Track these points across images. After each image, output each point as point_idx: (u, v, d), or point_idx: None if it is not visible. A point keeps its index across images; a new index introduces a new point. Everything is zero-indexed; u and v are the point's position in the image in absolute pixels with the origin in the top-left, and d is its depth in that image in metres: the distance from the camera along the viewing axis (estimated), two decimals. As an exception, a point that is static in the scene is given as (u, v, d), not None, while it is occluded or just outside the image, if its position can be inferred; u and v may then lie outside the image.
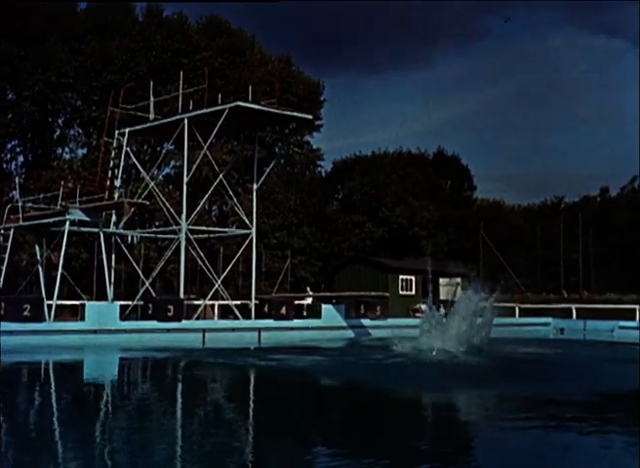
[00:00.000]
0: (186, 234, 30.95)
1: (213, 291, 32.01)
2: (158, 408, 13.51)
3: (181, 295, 30.01)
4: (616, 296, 41.03)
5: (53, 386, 16.72)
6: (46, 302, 27.93)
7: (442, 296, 39.28)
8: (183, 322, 28.04)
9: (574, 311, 36.93)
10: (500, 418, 12.18)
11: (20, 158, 46.73)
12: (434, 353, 18.87)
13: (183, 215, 30.88)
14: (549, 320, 36.94)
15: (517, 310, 39.04)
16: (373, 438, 10.56)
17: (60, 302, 29.28)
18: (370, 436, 10.70)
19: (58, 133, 47.03)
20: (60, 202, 30.23)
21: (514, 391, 14.72)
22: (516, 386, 15.13)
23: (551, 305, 40.26)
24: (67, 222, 29.03)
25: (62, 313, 30.42)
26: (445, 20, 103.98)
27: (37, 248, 32.39)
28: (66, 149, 46.71)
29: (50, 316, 27.65)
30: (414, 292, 38.25)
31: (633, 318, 33.33)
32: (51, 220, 29.73)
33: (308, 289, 37.55)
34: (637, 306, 34.17)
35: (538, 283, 50.28)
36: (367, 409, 13.23)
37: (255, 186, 34.50)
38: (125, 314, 29.65)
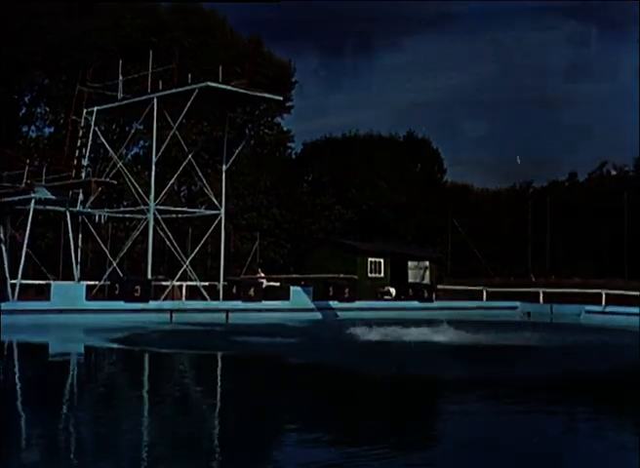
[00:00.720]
0: (155, 214, 30.75)
1: (181, 271, 31.86)
2: (117, 388, 13.59)
3: (149, 276, 29.85)
4: (583, 281, 41.28)
5: (14, 365, 16.54)
6: (9, 281, 27.62)
7: (410, 279, 39.42)
8: (151, 302, 27.91)
9: (541, 295, 37.21)
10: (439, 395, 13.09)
11: (-17, 135, 45.90)
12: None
13: (152, 195, 30.67)
14: (517, 303, 37.22)
15: (485, 293, 39.28)
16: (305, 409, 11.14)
17: (24, 282, 28.99)
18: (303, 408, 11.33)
19: (24, 110, 46.29)
20: (25, 180, 29.82)
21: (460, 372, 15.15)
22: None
23: (519, 289, 40.47)
24: (33, 201, 28.70)
25: (28, 292, 30.11)
26: (415, 4, 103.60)
27: (1, 226, 31.94)
28: (33, 127, 46.05)
29: (13, 295, 27.34)
30: (382, 274, 38.26)
31: (600, 302, 33.65)
32: (15, 198, 29.37)
33: (260, 270, 36.96)
34: (603, 291, 34.49)
35: (506, 267, 50.44)
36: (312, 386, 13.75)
37: (224, 167, 34.36)
38: (92, 294, 29.42)
